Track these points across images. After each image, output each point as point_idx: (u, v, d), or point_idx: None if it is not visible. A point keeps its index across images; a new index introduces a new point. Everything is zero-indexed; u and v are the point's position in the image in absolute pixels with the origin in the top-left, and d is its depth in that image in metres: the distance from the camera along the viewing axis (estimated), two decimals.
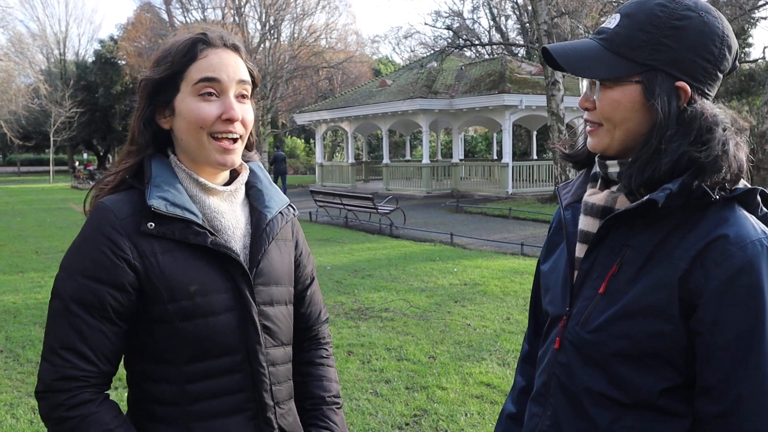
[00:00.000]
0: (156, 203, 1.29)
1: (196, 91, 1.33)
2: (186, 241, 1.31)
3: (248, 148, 1.48)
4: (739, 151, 1.13)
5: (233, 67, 1.36)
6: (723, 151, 1.10)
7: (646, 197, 1.11)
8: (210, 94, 1.33)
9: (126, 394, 1.41)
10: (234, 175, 1.47)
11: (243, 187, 1.46)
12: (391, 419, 4.18)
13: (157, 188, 1.32)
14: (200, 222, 1.33)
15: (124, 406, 1.39)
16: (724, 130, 1.12)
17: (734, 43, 1.16)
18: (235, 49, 1.38)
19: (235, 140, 1.36)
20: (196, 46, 1.34)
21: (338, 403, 1.59)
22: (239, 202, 1.44)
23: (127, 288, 1.28)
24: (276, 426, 1.39)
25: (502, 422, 1.52)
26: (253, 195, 1.47)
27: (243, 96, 1.38)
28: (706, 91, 1.15)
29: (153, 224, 1.30)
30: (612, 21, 1.19)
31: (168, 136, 1.40)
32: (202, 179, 1.37)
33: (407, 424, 4.13)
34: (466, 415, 4.25)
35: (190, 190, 1.37)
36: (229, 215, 1.40)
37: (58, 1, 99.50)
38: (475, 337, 5.96)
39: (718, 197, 1.11)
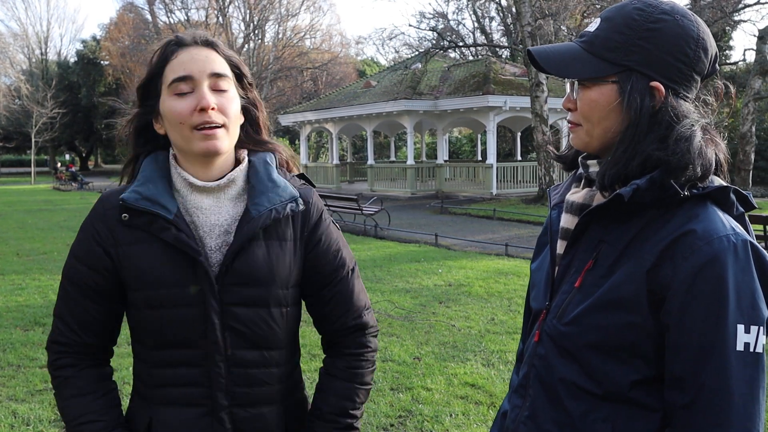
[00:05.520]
0: (126, 196, 1.37)
1: (171, 90, 1.37)
2: (156, 234, 1.37)
3: (259, 142, 1.51)
4: (709, 149, 1.17)
5: (203, 62, 1.38)
6: (690, 149, 1.14)
7: (615, 192, 1.15)
8: (183, 90, 1.36)
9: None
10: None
11: (238, 183, 1.43)
12: (376, 420, 4.18)
13: (138, 182, 1.40)
14: (170, 217, 1.36)
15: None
16: (693, 127, 1.15)
17: (711, 47, 1.20)
18: (207, 44, 1.41)
19: (217, 127, 1.36)
20: (167, 48, 1.40)
21: (339, 423, 1.46)
22: (229, 197, 1.42)
23: (102, 271, 1.40)
24: (229, 428, 1.39)
25: (497, 421, 1.54)
26: (249, 191, 1.43)
27: (221, 89, 1.38)
28: (682, 91, 1.18)
29: (127, 216, 1.38)
30: (593, 25, 1.24)
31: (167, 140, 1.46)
32: (185, 174, 1.40)
33: (392, 425, 4.12)
34: (451, 415, 4.26)
35: (177, 184, 1.42)
36: (210, 211, 1.41)
37: (39, 1, 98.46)
38: (459, 338, 5.97)
39: (688, 194, 1.14)
